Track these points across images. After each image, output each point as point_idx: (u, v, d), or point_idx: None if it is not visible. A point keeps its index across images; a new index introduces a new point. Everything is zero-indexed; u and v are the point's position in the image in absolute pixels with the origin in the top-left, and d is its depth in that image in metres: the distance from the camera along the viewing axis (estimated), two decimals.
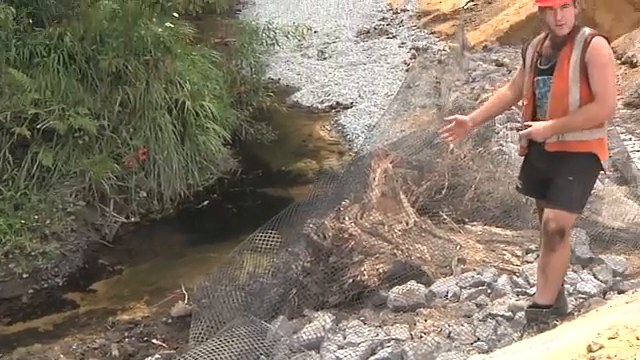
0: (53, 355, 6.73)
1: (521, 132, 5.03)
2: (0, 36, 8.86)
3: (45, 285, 7.85)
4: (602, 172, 5.21)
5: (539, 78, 5.05)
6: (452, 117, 5.40)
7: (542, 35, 5.25)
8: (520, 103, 5.39)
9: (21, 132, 8.47)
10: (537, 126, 4.95)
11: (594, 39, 4.85)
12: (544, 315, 5.17)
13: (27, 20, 9.52)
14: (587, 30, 4.95)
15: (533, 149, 5.18)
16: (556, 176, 5.02)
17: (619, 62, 11.58)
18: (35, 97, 8.78)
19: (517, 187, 5.69)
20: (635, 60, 11.20)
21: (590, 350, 3.13)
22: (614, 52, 11.39)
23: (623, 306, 4.41)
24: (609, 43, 4.99)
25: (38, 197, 8.42)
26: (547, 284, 5.16)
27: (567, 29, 4.88)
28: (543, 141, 5.02)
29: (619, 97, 10.55)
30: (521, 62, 5.35)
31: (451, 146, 6.25)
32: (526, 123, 4.97)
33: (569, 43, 4.90)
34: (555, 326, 5.07)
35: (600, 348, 3.12)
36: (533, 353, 3.66)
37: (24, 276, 7.81)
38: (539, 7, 5.00)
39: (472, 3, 15.09)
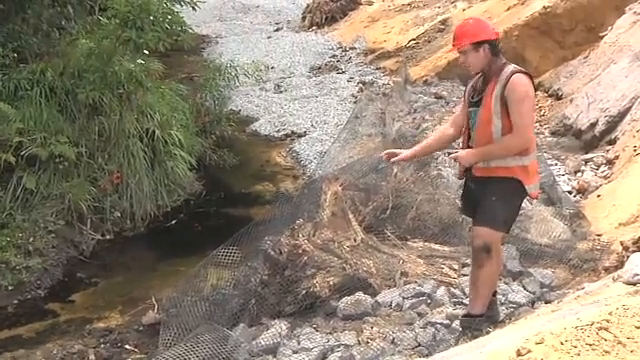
0: (36, 359, 6.69)
1: (450, 156, 5.19)
2: None
3: (28, 296, 7.84)
4: (529, 196, 5.24)
5: (471, 110, 5.17)
6: (388, 151, 5.58)
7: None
8: None
9: (7, 158, 8.45)
10: (462, 153, 5.13)
11: (513, 76, 4.93)
12: (477, 323, 5.25)
13: (12, 56, 9.52)
14: (511, 67, 5.01)
15: (468, 175, 5.27)
16: (482, 197, 5.10)
17: (546, 95, 11.66)
18: (19, 126, 8.75)
19: (459, 207, 5.90)
20: (560, 93, 11.25)
21: (519, 354, 3.19)
22: (541, 86, 11.64)
23: (549, 314, 4.44)
24: (532, 80, 5.06)
25: (22, 217, 8.40)
26: (478, 296, 5.26)
27: (474, 69, 5.08)
28: (471, 166, 5.11)
29: (546, 126, 10.71)
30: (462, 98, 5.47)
31: (395, 170, 6.36)
32: (454, 152, 5.12)
33: (494, 79, 4.99)
34: (488, 332, 5.15)
35: (528, 352, 3.17)
36: (468, 356, 3.67)
37: (9, 288, 7.80)
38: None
39: (413, 42, 14.97)
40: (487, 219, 5.10)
